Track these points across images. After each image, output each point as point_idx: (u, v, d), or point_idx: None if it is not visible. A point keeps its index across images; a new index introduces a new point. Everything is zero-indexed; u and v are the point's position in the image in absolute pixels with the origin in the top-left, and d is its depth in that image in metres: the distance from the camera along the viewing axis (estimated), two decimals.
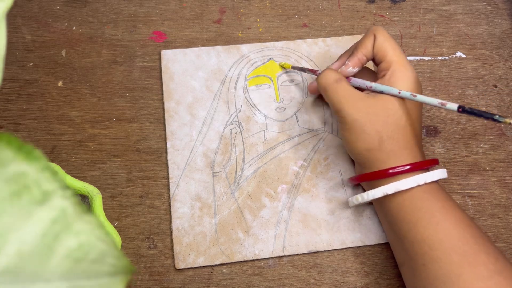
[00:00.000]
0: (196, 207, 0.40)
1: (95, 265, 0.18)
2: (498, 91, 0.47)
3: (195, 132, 0.43)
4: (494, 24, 0.49)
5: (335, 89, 0.37)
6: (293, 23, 0.48)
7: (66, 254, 0.17)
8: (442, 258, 0.32)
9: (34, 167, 0.16)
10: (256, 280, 0.39)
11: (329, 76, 0.38)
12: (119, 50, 0.46)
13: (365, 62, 0.39)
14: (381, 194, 0.36)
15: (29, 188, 0.16)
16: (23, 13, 0.46)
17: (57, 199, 0.17)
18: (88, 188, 0.35)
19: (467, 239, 0.33)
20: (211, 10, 0.48)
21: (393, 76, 0.37)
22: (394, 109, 0.36)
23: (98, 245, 0.18)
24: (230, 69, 0.45)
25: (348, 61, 0.39)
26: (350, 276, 0.40)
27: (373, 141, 0.36)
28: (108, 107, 0.44)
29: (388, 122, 0.36)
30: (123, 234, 0.40)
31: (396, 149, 0.36)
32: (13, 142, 0.16)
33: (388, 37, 0.38)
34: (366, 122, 0.36)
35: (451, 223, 0.34)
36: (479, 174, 0.43)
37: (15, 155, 0.16)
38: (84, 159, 0.42)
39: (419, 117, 0.38)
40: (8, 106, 0.43)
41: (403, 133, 0.36)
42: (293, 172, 0.42)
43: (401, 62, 0.37)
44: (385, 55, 0.37)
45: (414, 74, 0.37)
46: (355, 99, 0.36)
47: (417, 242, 0.34)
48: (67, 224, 0.17)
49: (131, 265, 0.20)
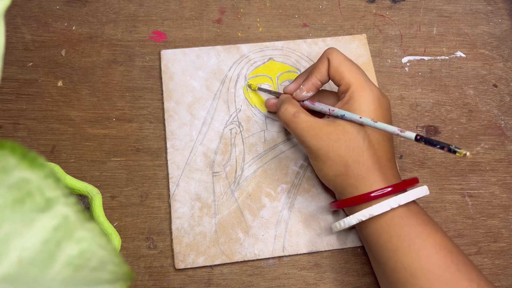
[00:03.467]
0: (196, 207, 0.40)
1: (95, 272, 0.18)
2: (498, 91, 0.47)
3: (195, 132, 0.43)
4: (495, 24, 0.49)
5: (295, 123, 0.37)
6: (293, 22, 0.48)
7: (67, 262, 0.17)
8: (424, 287, 0.32)
9: (37, 174, 0.16)
10: (256, 280, 0.39)
11: (287, 111, 0.38)
12: (119, 50, 0.46)
13: (320, 86, 0.39)
14: (356, 221, 0.35)
15: (32, 195, 0.16)
16: (22, 13, 0.46)
17: (60, 206, 0.17)
18: (88, 188, 0.35)
19: (448, 266, 0.32)
20: (211, 10, 0.48)
21: (352, 98, 0.36)
22: (354, 133, 0.35)
23: (99, 252, 0.18)
24: (230, 69, 0.45)
25: (302, 86, 0.39)
26: (350, 276, 0.40)
27: (339, 167, 0.36)
28: (108, 107, 0.44)
29: (350, 146, 0.35)
30: (123, 234, 0.40)
31: (363, 173, 0.35)
32: (17, 150, 0.16)
33: (343, 59, 0.37)
34: (329, 149, 0.36)
35: (432, 249, 0.33)
36: (479, 174, 0.43)
37: (19, 162, 0.16)
38: (84, 159, 0.42)
39: (384, 136, 0.37)
40: (7, 106, 0.43)
41: (367, 156, 0.35)
42: (293, 172, 0.42)
43: (358, 83, 0.36)
44: (342, 77, 0.37)
45: (374, 93, 0.36)
46: (315, 129, 0.36)
47: (398, 270, 0.33)
48: (69, 231, 0.17)
49: (131, 272, 0.20)
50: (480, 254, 0.41)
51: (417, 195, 0.35)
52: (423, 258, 0.32)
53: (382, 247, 0.34)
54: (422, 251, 0.33)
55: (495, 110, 0.46)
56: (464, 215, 0.42)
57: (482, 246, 0.41)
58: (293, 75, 0.45)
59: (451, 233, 0.41)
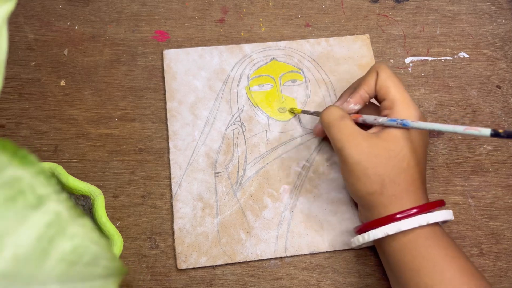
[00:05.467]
0: (198, 207, 0.40)
1: (89, 267, 0.18)
2: (502, 91, 0.46)
3: (197, 132, 0.43)
4: (498, 24, 0.49)
5: (338, 127, 0.36)
6: (296, 22, 0.48)
7: (60, 257, 0.17)
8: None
9: (29, 172, 0.16)
10: (258, 281, 0.39)
11: (333, 113, 0.37)
12: (122, 49, 0.46)
13: (367, 99, 0.38)
14: (382, 234, 0.34)
15: (24, 192, 0.16)
16: (25, 12, 0.46)
17: (52, 203, 0.17)
18: (91, 189, 0.35)
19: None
20: (213, 9, 0.48)
21: (397, 114, 0.35)
22: (397, 150, 0.35)
23: (92, 248, 0.18)
24: (233, 69, 0.45)
25: (350, 98, 0.38)
26: (352, 277, 0.40)
27: (375, 185, 0.35)
28: (110, 106, 0.44)
29: (390, 165, 0.34)
30: (125, 234, 0.40)
31: (398, 193, 0.34)
32: (8, 147, 0.16)
33: (391, 74, 0.37)
34: (368, 166, 0.34)
35: (456, 272, 0.32)
36: (482, 175, 0.43)
37: (10, 160, 0.16)
38: (86, 158, 0.42)
39: (423, 157, 0.36)
40: (10, 105, 0.43)
41: (405, 176, 0.35)
42: (295, 173, 0.42)
43: (403, 100, 0.36)
44: (387, 92, 0.36)
45: (418, 113, 0.36)
46: (358, 139, 0.35)
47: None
48: (61, 227, 0.17)
49: (123, 267, 0.20)
50: (483, 256, 0.41)
51: (445, 217, 0.34)
52: (446, 280, 0.32)
53: (404, 267, 0.34)
54: (446, 273, 0.32)
55: (498, 111, 0.46)
56: (466, 216, 0.42)
57: (485, 248, 0.41)
58: (295, 75, 0.45)
59: (453, 235, 0.41)
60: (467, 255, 0.34)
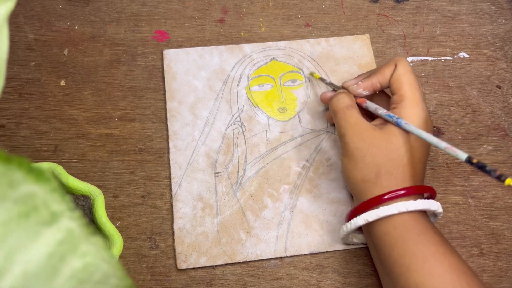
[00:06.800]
0: (198, 207, 0.40)
1: (98, 285, 0.18)
2: (502, 92, 0.46)
3: (197, 132, 0.43)
4: (498, 24, 0.49)
5: (344, 114, 0.37)
6: (296, 22, 0.48)
7: (71, 275, 0.17)
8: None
9: (43, 188, 0.16)
10: (258, 281, 0.39)
11: (342, 101, 0.38)
12: (122, 49, 0.46)
13: (378, 89, 0.39)
14: (363, 221, 0.35)
15: (38, 209, 0.16)
16: (25, 12, 0.46)
17: (65, 220, 0.17)
18: (91, 189, 0.35)
19: (462, 287, 0.32)
20: (213, 9, 0.48)
21: (403, 111, 0.36)
22: (398, 145, 0.35)
23: (102, 266, 0.18)
24: (233, 68, 0.45)
25: (361, 82, 0.39)
26: (352, 277, 0.40)
27: (370, 173, 0.35)
28: (110, 106, 0.44)
29: (389, 157, 0.35)
30: (125, 234, 0.40)
31: (392, 186, 0.35)
32: (23, 164, 0.16)
33: (408, 71, 0.37)
34: (367, 153, 0.35)
35: (446, 269, 0.32)
36: (482, 175, 0.43)
37: (26, 176, 0.16)
38: (86, 158, 0.42)
39: (423, 157, 0.37)
40: (10, 105, 0.43)
41: (402, 171, 0.35)
42: (295, 173, 0.42)
43: (413, 99, 0.36)
44: (399, 88, 0.37)
45: (425, 114, 0.36)
46: (361, 128, 0.36)
47: (409, 287, 0.33)
48: (73, 245, 0.17)
49: (134, 286, 0.20)
50: (483, 256, 0.41)
51: (428, 205, 0.34)
52: (435, 277, 0.32)
53: (394, 263, 0.34)
54: (435, 270, 0.32)
55: (498, 111, 0.46)
56: (466, 216, 0.42)
57: (485, 248, 0.41)
58: (295, 75, 0.45)
59: (453, 235, 0.41)
60: (458, 252, 0.34)
